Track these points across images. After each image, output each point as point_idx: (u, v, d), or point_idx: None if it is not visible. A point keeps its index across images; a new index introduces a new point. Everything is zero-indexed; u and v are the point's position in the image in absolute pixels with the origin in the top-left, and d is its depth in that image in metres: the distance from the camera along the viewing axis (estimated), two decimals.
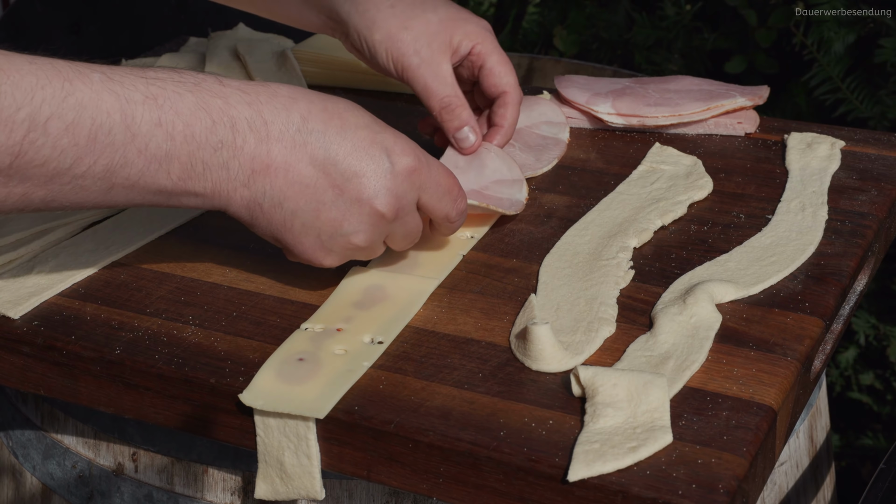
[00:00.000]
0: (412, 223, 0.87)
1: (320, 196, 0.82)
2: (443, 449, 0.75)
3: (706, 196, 1.02)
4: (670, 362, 0.80)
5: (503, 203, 0.98)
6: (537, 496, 0.73)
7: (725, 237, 0.96)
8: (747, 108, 1.13)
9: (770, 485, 1.01)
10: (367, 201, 0.83)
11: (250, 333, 0.86)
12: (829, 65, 1.69)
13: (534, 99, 1.17)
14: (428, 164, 0.86)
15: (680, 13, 1.85)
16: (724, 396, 0.78)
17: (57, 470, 0.98)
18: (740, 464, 0.72)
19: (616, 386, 0.76)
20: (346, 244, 0.84)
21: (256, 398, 0.79)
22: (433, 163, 0.87)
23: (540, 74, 1.61)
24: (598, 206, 1.01)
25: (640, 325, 0.86)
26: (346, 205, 0.83)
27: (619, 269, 0.91)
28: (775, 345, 0.82)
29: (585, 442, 0.73)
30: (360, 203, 0.83)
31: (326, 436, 0.79)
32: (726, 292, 0.87)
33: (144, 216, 1.02)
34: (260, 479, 0.81)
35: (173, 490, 0.92)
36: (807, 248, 0.93)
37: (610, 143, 1.13)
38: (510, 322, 0.86)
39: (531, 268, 0.93)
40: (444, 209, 0.88)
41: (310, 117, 0.82)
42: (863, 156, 1.08)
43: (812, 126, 1.13)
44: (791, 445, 1.04)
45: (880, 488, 0.92)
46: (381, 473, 0.78)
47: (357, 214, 0.83)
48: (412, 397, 0.79)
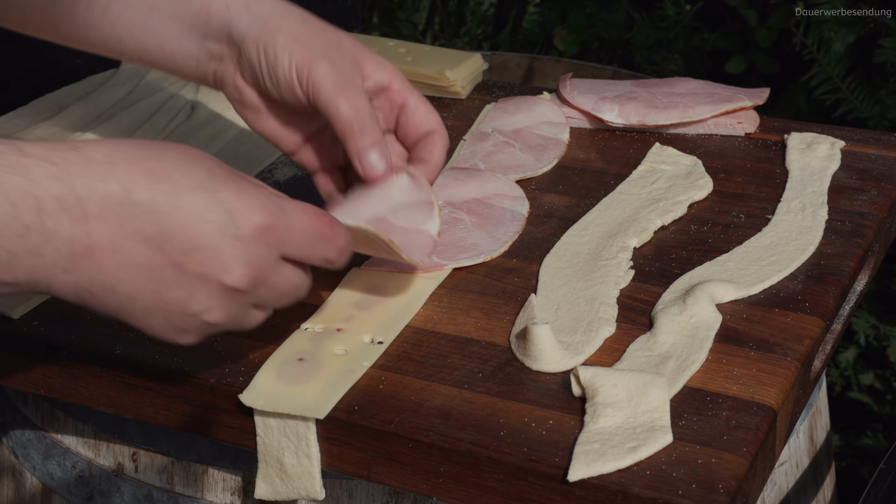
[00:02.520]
0: (283, 282, 0.75)
1: (159, 276, 0.70)
2: (443, 449, 0.75)
3: (706, 196, 1.02)
4: (670, 362, 0.80)
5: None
6: (537, 496, 0.73)
7: (725, 237, 0.96)
8: (748, 108, 1.13)
9: (770, 485, 1.01)
10: (214, 276, 0.71)
11: (250, 333, 0.86)
12: (829, 65, 1.69)
13: (534, 99, 1.17)
14: (284, 213, 0.74)
15: (680, 13, 1.85)
16: (724, 396, 0.78)
17: (57, 470, 0.98)
18: (740, 464, 0.72)
19: (616, 386, 0.76)
20: (201, 324, 0.73)
21: (256, 398, 0.79)
22: (291, 209, 0.74)
23: (540, 74, 1.61)
24: (598, 206, 1.01)
25: (640, 325, 0.86)
26: (190, 283, 0.71)
27: (619, 269, 0.91)
28: (775, 345, 0.82)
29: (585, 442, 0.73)
30: (205, 279, 0.71)
31: (326, 436, 0.79)
32: (726, 292, 0.87)
33: None
34: (260, 479, 0.81)
35: (173, 490, 0.92)
36: (807, 248, 0.93)
37: (610, 143, 1.13)
38: (510, 322, 0.86)
39: (531, 268, 0.93)
40: (318, 255, 0.76)
41: (132, 185, 0.69)
42: (863, 156, 1.08)
43: (812, 126, 1.13)
44: (791, 445, 1.04)
45: (880, 488, 0.92)
46: (381, 473, 0.78)
47: (205, 291, 0.72)
48: (412, 397, 0.79)
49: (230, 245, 0.71)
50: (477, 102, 1.22)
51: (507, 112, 1.16)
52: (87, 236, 0.68)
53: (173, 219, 0.70)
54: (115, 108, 1.19)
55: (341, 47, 0.88)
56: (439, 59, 1.25)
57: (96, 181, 0.69)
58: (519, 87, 1.26)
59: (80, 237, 0.68)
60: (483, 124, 1.14)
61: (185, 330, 0.73)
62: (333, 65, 0.86)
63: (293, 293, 0.77)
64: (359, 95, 0.87)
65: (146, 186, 0.70)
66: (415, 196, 0.88)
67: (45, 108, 1.19)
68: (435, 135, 0.91)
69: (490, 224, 0.98)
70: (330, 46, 0.87)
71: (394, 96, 0.91)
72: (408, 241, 0.86)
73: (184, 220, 0.70)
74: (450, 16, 2.67)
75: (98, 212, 0.69)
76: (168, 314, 0.72)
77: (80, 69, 1.11)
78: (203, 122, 1.16)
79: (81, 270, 0.69)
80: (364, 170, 0.87)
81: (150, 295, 0.71)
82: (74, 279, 0.69)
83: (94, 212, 0.68)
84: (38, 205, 0.67)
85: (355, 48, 0.89)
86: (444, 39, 2.62)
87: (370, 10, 2.61)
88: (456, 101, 1.23)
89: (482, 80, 1.27)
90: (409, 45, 1.29)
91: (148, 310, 0.72)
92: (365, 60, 0.89)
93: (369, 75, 0.89)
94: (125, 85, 1.23)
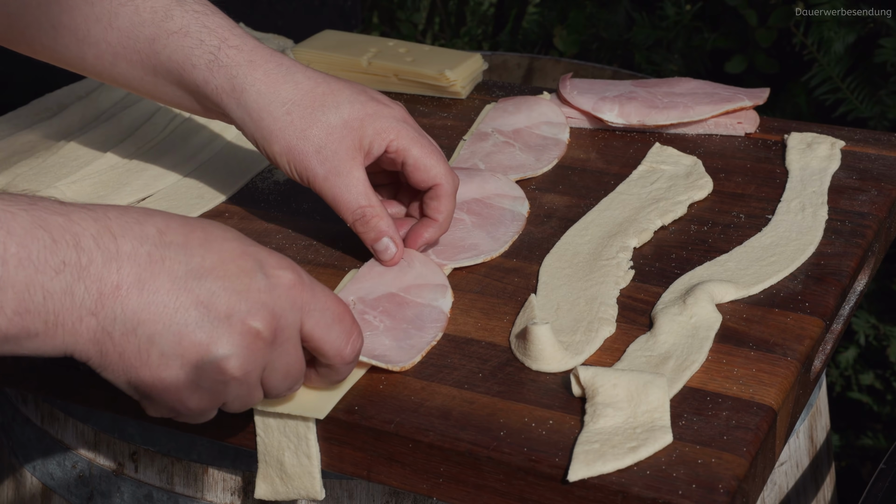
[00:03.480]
0: (294, 354, 0.74)
1: (182, 317, 0.69)
2: (443, 449, 0.75)
3: (706, 196, 1.02)
4: (670, 362, 0.80)
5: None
6: (537, 496, 0.73)
7: (725, 237, 0.96)
8: (748, 108, 1.13)
9: (770, 485, 1.01)
10: (240, 317, 0.70)
11: None
12: (829, 65, 1.69)
13: (534, 99, 1.17)
14: (311, 284, 0.74)
15: (680, 13, 1.85)
16: (724, 396, 0.78)
17: (57, 470, 0.98)
18: (740, 464, 0.72)
19: (616, 386, 0.76)
20: (217, 374, 0.70)
21: None
22: (318, 285, 0.75)
23: (540, 74, 1.61)
24: (598, 206, 1.01)
25: (640, 325, 0.86)
26: (213, 324, 0.70)
27: (619, 269, 0.91)
28: (775, 345, 0.82)
29: (585, 442, 0.73)
30: (230, 321, 0.70)
31: (326, 436, 0.79)
32: (726, 292, 0.87)
33: None
34: (260, 479, 0.81)
35: (173, 490, 0.92)
36: (807, 248, 0.93)
37: (610, 143, 1.13)
38: (510, 322, 0.86)
39: (531, 268, 0.93)
40: (335, 341, 0.75)
41: (167, 230, 0.71)
42: (863, 156, 1.08)
43: (812, 126, 1.13)
44: (791, 445, 1.04)
45: (880, 488, 0.92)
46: (381, 473, 0.78)
47: (228, 335, 0.70)
48: (412, 397, 0.79)
49: (258, 291, 0.71)
50: (477, 102, 1.22)
51: (507, 112, 1.16)
52: (117, 273, 0.68)
53: (204, 261, 0.70)
54: (115, 108, 1.19)
55: (332, 137, 0.90)
56: (439, 59, 1.25)
57: (132, 224, 0.70)
58: (519, 87, 1.26)
59: (109, 275, 0.68)
60: (483, 124, 1.14)
61: (198, 386, 0.71)
62: (329, 169, 0.90)
63: (295, 374, 0.75)
64: (359, 194, 0.91)
65: (182, 232, 0.71)
66: (429, 279, 0.90)
67: (45, 108, 1.19)
68: (440, 188, 0.92)
69: (490, 224, 0.98)
70: (322, 146, 0.90)
71: (394, 156, 0.92)
72: (420, 314, 0.86)
73: (215, 262, 0.71)
74: (450, 16, 2.67)
75: (131, 252, 0.69)
76: (185, 361, 0.70)
77: None
78: (203, 123, 1.16)
79: (105, 311, 0.68)
80: (379, 255, 0.92)
81: (171, 338, 0.69)
82: (97, 322, 0.68)
83: (127, 251, 0.69)
84: (76, 241, 0.67)
85: (349, 124, 0.91)
86: (444, 39, 2.62)
87: (370, 10, 2.61)
88: (456, 101, 1.23)
89: (482, 80, 1.27)
90: (409, 45, 1.29)
91: (165, 356, 0.69)
92: (362, 131, 0.91)
93: (368, 149, 0.91)
94: None
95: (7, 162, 1.08)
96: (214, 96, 0.92)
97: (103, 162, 1.08)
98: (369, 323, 0.85)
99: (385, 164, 0.94)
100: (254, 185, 1.08)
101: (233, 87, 0.91)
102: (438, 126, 1.17)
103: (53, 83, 1.24)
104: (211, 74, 0.91)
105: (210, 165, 1.10)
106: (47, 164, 1.07)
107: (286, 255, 0.76)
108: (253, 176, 1.09)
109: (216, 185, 1.07)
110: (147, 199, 1.05)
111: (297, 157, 0.91)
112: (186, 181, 1.08)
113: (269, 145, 0.91)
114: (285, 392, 0.75)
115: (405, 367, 0.81)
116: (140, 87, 0.96)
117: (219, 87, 0.91)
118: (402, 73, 1.24)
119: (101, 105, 1.19)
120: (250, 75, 0.91)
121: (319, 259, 0.95)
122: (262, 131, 0.91)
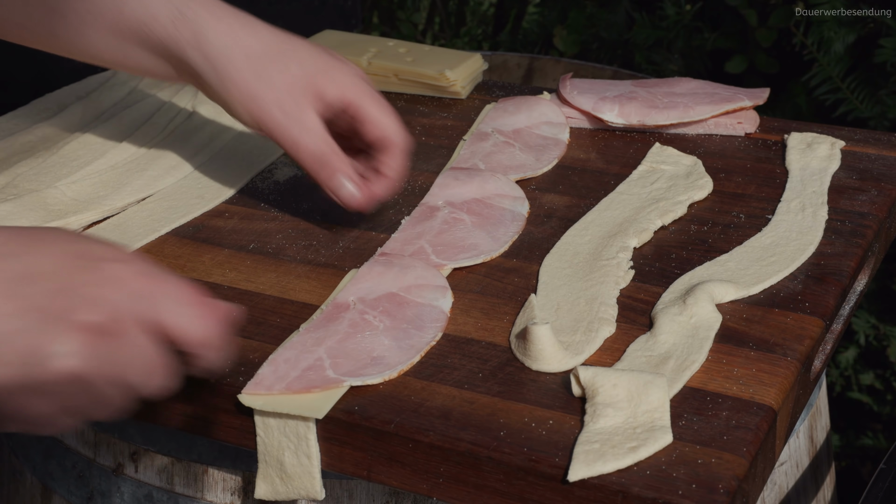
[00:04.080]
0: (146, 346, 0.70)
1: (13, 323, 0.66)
2: (443, 449, 0.75)
3: (706, 196, 1.02)
4: (670, 362, 0.80)
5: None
6: (537, 496, 0.73)
7: (725, 237, 0.96)
8: (748, 108, 1.13)
9: (770, 485, 1.01)
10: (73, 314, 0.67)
11: (250, 333, 0.86)
12: (829, 65, 1.69)
13: (534, 99, 1.17)
14: (157, 274, 0.71)
15: (680, 13, 1.85)
16: (724, 396, 0.78)
17: (57, 470, 0.98)
18: (740, 464, 0.72)
19: (616, 386, 0.76)
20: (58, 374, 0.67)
21: (256, 398, 0.79)
22: (166, 274, 0.72)
23: (540, 74, 1.61)
24: (598, 206, 1.01)
25: (640, 325, 0.86)
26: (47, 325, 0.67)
27: (619, 269, 0.91)
28: (775, 345, 0.82)
29: (585, 442, 0.73)
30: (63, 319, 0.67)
31: (326, 436, 0.79)
32: (726, 292, 0.87)
33: (145, 216, 1.02)
34: (260, 479, 0.81)
35: (173, 490, 0.92)
36: (807, 248, 0.93)
37: (610, 143, 1.13)
38: (510, 322, 0.86)
39: (531, 268, 0.93)
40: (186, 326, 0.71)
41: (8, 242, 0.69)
42: (863, 156, 1.08)
43: (812, 126, 1.13)
44: (791, 445, 1.04)
45: (880, 488, 0.92)
46: (381, 473, 0.78)
47: (63, 333, 0.67)
48: (412, 397, 0.79)
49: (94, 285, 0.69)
50: (477, 102, 1.22)
51: (507, 112, 1.16)
52: None
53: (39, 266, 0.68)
54: (115, 108, 1.19)
55: (291, 84, 0.94)
56: (439, 59, 1.25)
57: None
58: (519, 87, 1.26)
59: None
60: (483, 124, 1.14)
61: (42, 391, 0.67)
62: (286, 113, 0.94)
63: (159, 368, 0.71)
64: (316, 136, 0.94)
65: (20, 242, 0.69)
66: (429, 281, 0.90)
67: (45, 108, 1.19)
68: (390, 142, 0.96)
69: (490, 224, 0.98)
70: (280, 92, 0.94)
71: (349, 109, 0.96)
72: (420, 314, 0.86)
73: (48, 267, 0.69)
74: (450, 16, 2.67)
75: None
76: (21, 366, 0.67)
77: (80, 69, 1.12)
78: (203, 123, 1.16)
79: None
80: (337, 195, 0.95)
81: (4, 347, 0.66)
82: None
83: None
84: None
85: (309, 73, 0.94)
86: (444, 39, 2.62)
87: (370, 10, 2.61)
88: (456, 101, 1.23)
89: (482, 80, 1.27)
90: (409, 45, 1.29)
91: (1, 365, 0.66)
92: (319, 81, 0.95)
93: (323, 97, 0.95)
94: (125, 85, 1.23)
95: (7, 162, 1.08)
96: (178, 50, 0.95)
97: (103, 162, 1.08)
98: (369, 323, 0.85)
99: (340, 125, 0.97)
100: (254, 185, 1.08)
101: (197, 40, 0.94)
102: (438, 126, 1.17)
103: (53, 83, 1.24)
104: (175, 29, 0.94)
105: (210, 165, 1.10)
106: (47, 164, 1.07)
107: (286, 255, 0.75)
108: (253, 176, 1.09)
109: (216, 185, 1.07)
110: (147, 199, 1.05)
111: (257, 103, 0.94)
112: (186, 181, 1.08)
113: (229, 93, 0.95)
114: (157, 388, 0.71)
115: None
116: (106, 55, 0.98)
117: (182, 40, 0.95)
118: (402, 73, 1.24)
119: (102, 105, 1.19)
120: (214, 27, 0.94)
121: (319, 259, 0.95)
122: (224, 80, 0.94)
